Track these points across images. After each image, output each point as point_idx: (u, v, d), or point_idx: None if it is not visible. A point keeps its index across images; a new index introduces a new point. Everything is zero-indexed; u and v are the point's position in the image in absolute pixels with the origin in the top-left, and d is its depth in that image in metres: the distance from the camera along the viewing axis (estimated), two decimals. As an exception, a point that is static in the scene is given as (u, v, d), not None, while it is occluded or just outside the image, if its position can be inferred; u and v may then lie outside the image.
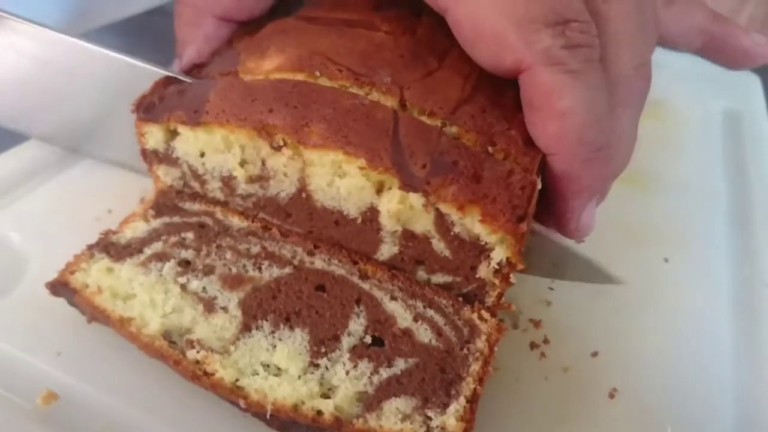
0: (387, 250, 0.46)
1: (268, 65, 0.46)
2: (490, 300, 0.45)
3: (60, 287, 0.43)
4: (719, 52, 0.56)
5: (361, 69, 0.44)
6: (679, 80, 0.88)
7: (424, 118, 0.42)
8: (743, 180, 0.71)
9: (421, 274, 0.46)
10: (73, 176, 0.59)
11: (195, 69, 0.51)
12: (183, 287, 0.43)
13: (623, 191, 0.66)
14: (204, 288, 0.43)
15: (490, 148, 0.41)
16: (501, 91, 0.44)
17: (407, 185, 0.40)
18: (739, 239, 0.63)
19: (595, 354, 0.49)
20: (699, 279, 0.57)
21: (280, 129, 0.42)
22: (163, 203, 0.49)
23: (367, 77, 0.44)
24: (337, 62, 0.45)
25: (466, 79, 0.44)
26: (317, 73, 0.44)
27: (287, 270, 0.44)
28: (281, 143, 0.43)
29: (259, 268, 0.44)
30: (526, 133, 0.43)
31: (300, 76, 0.45)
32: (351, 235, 0.46)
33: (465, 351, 0.40)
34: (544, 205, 0.44)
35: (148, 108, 0.47)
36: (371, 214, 0.44)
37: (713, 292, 0.56)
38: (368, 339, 0.41)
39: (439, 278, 0.46)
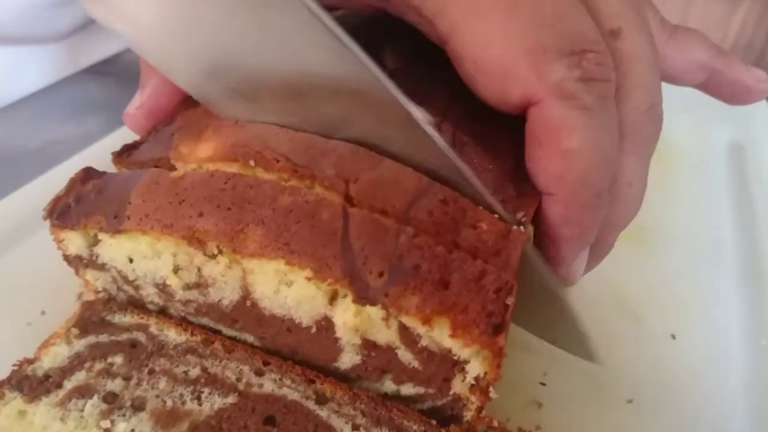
0: (348, 359, 0.40)
1: (202, 152, 0.40)
2: (468, 414, 0.39)
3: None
4: (720, 88, 0.51)
5: (301, 159, 0.38)
6: (678, 112, 0.81)
7: (376, 216, 0.36)
8: (752, 228, 0.64)
9: (389, 384, 0.40)
10: (2, 274, 0.52)
11: (126, 152, 0.45)
12: (106, 432, 0.37)
13: (619, 252, 0.60)
14: (132, 431, 0.37)
15: (454, 254, 0.35)
16: None
17: (362, 298, 0.34)
18: (751, 301, 0.56)
19: (593, 463, 0.42)
20: (709, 356, 0.51)
21: (212, 236, 0.36)
22: (89, 318, 0.42)
23: (307, 169, 0.37)
24: (275, 150, 0.38)
25: None
26: (252, 163, 0.38)
27: (231, 399, 0.38)
28: (215, 251, 0.37)
29: (199, 398, 0.38)
30: (498, 224, 0.36)
31: (234, 167, 0.38)
32: (306, 343, 0.40)
33: (439, 498, 0.34)
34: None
35: (63, 212, 0.41)
36: (326, 324, 0.38)
37: (724, 371, 0.50)
38: (326, 488, 0.35)
39: (409, 389, 0.40)
